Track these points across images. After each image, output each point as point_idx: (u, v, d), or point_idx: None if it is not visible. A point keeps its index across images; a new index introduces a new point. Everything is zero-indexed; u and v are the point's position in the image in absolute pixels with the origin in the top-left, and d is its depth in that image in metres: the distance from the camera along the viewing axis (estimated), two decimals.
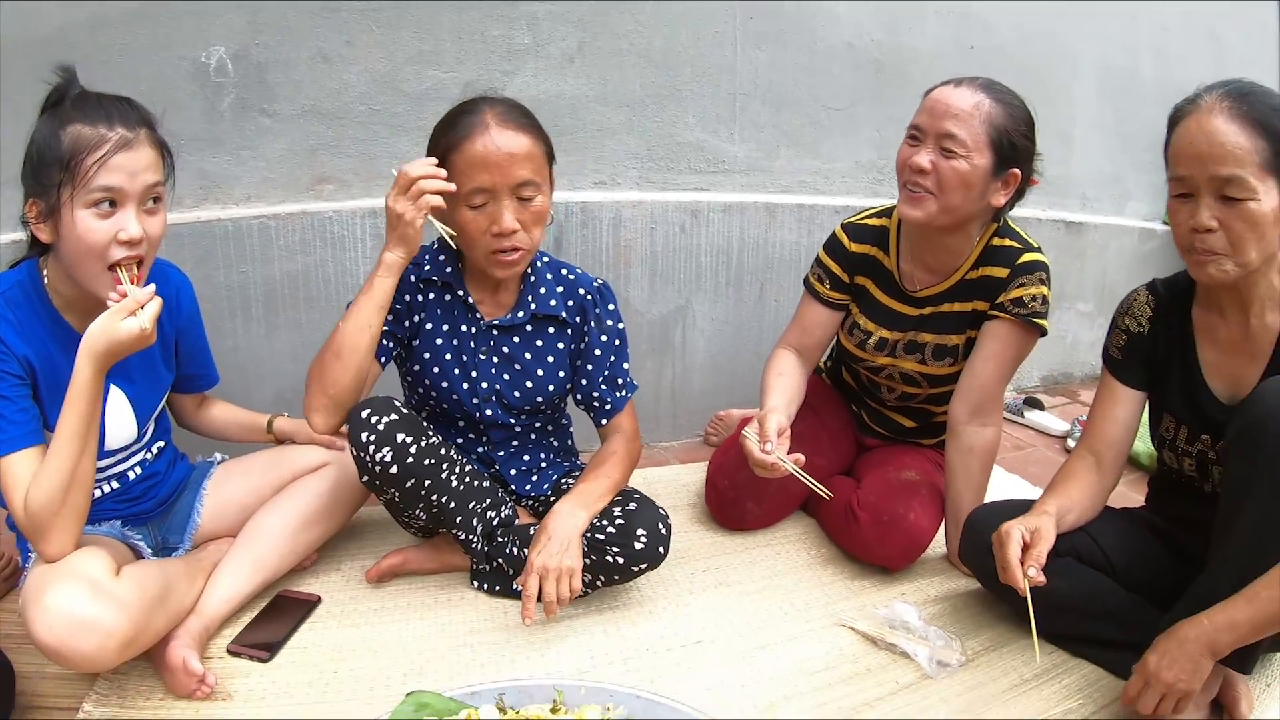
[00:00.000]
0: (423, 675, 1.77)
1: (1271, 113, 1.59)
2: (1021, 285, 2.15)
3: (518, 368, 2.09)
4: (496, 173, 1.82)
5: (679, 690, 1.76)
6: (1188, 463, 1.89)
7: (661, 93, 2.91)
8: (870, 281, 2.39)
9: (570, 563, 1.85)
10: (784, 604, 2.15)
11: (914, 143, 2.11)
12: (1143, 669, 1.66)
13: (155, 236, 1.61)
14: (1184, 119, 1.66)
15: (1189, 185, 1.64)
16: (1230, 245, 1.62)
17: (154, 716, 1.59)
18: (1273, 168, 1.57)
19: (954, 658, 1.92)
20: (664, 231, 2.98)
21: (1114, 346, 1.98)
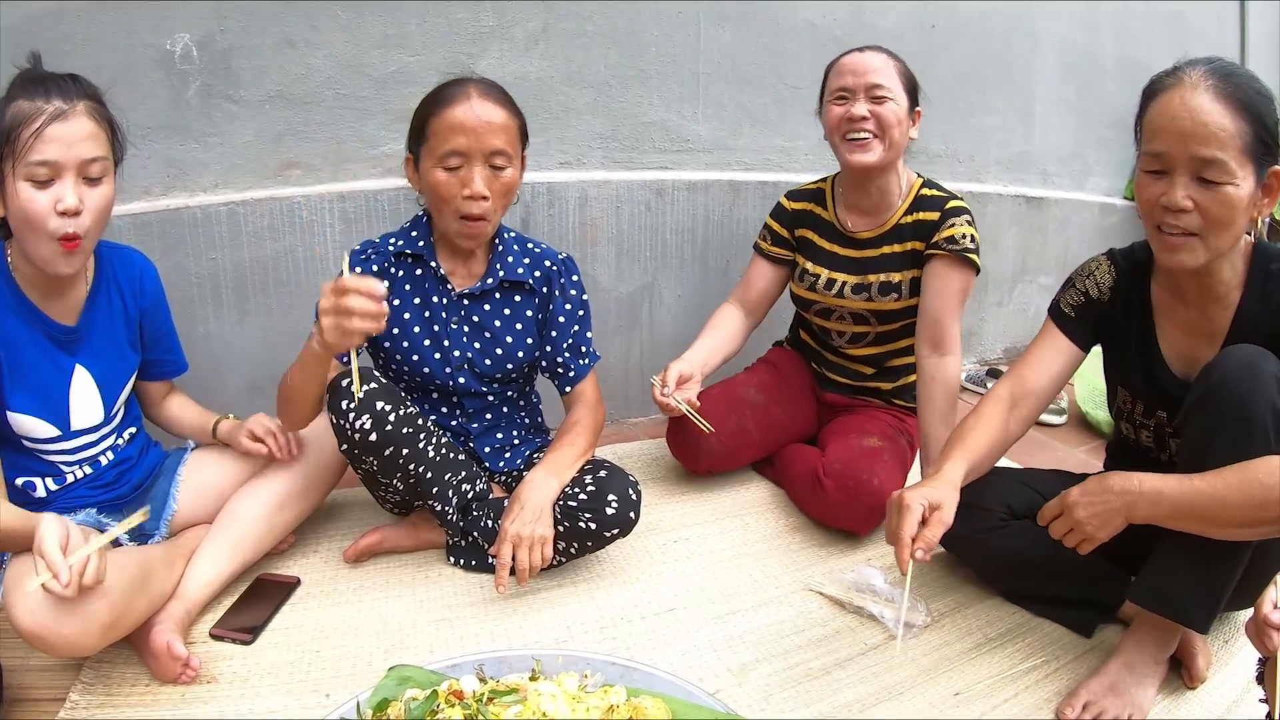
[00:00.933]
0: (404, 650, 1.79)
1: (1255, 95, 1.56)
2: (952, 226, 2.42)
3: (488, 335, 2.15)
4: (473, 137, 1.92)
5: (654, 656, 1.81)
6: (1145, 434, 1.93)
7: (626, 73, 2.93)
8: (812, 232, 2.67)
9: (543, 531, 1.90)
10: (754, 571, 2.19)
11: (843, 101, 2.42)
12: (1065, 497, 1.72)
13: (97, 208, 1.62)
14: (1165, 92, 1.61)
15: (1166, 162, 1.60)
16: (1203, 228, 1.59)
17: (140, 702, 1.60)
18: (1252, 152, 1.54)
19: (919, 619, 1.97)
20: (630, 210, 3.00)
21: (1067, 303, 1.96)
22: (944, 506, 1.62)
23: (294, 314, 2.56)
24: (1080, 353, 1.96)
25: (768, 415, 2.64)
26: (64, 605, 1.45)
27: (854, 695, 1.75)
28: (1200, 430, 1.62)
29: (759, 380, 2.73)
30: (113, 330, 1.83)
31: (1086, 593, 1.99)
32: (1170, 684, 1.80)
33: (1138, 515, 1.62)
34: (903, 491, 1.64)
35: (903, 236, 2.50)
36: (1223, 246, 1.62)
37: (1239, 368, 1.59)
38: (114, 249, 1.87)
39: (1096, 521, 1.65)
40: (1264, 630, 1.22)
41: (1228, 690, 1.80)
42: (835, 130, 2.44)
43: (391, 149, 2.61)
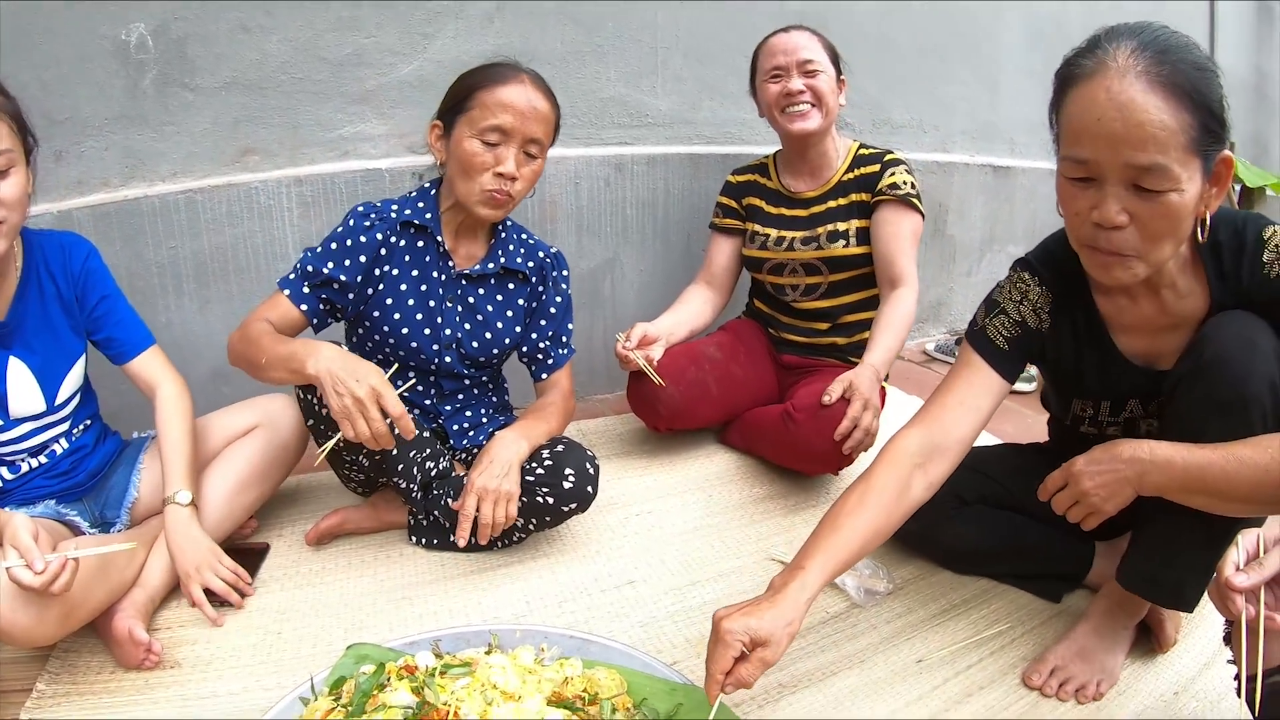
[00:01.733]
0: (363, 630, 1.80)
1: (1197, 75, 1.31)
2: (893, 174, 2.58)
3: (479, 318, 2.17)
4: (519, 119, 1.98)
5: (613, 629, 1.82)
6: (1112, 430, 1.77)
7: (583, 49, 2.93)
8: (758, 199, 2.82)
9: (509, 487, 1.91)
10: (715, 542, 2.21)
11: (778, 79, 2.58)
12: (1069, 467, 1.58)
13: (9, 198, 1.61)
14: (1085, 81, 1.35)
15: (1094, 170, 1.36)
16: (1142, 243, 1.38)
17: (105, 689, 1.61)
18: (1198, 147, 1.31)
19: (881, 585, 1.97)
20: (589, 186, 3.02)
21: (999, 334, 1.71)
22: (770, 644, 1.32)
23: (255, 300, 2.51)
24: (1008, 386, 1.71)
25: (726, 371, 2.69)
26: (20, 595, 1.45)
27: (815, 664, 1.75)
28: (1192, 406, 1.49)
29: (718, 341, 2.80)
30: (47, 318, 1.81)
31: (1050, 568, 1.98)
32: (1139, 649, 1.78)
33: (1148, 485, 1.48)
34: (726, 618, 1.35)
35: (846, 191, 2.66)
36: (1165, 258, 1.42)
37: (1234, 342, 1.45)
38: (42, 235, 1.85)
39: (1104, 493, 1.51)
40: (1226, 594, 1.16)
41: (1197, 654, 1.79)
42: (774, 106, 2.61)
43: (348, 131, 2.61)
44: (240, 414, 2.10)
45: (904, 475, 1.58)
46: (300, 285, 2.03)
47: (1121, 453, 1.50)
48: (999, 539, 1.96)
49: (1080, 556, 1.95)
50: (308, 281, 2.03)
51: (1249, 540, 1.18)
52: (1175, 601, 1.62)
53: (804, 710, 1.62)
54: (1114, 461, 1.50)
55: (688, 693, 1.51)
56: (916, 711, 1.62)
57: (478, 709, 1.26)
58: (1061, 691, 1.66)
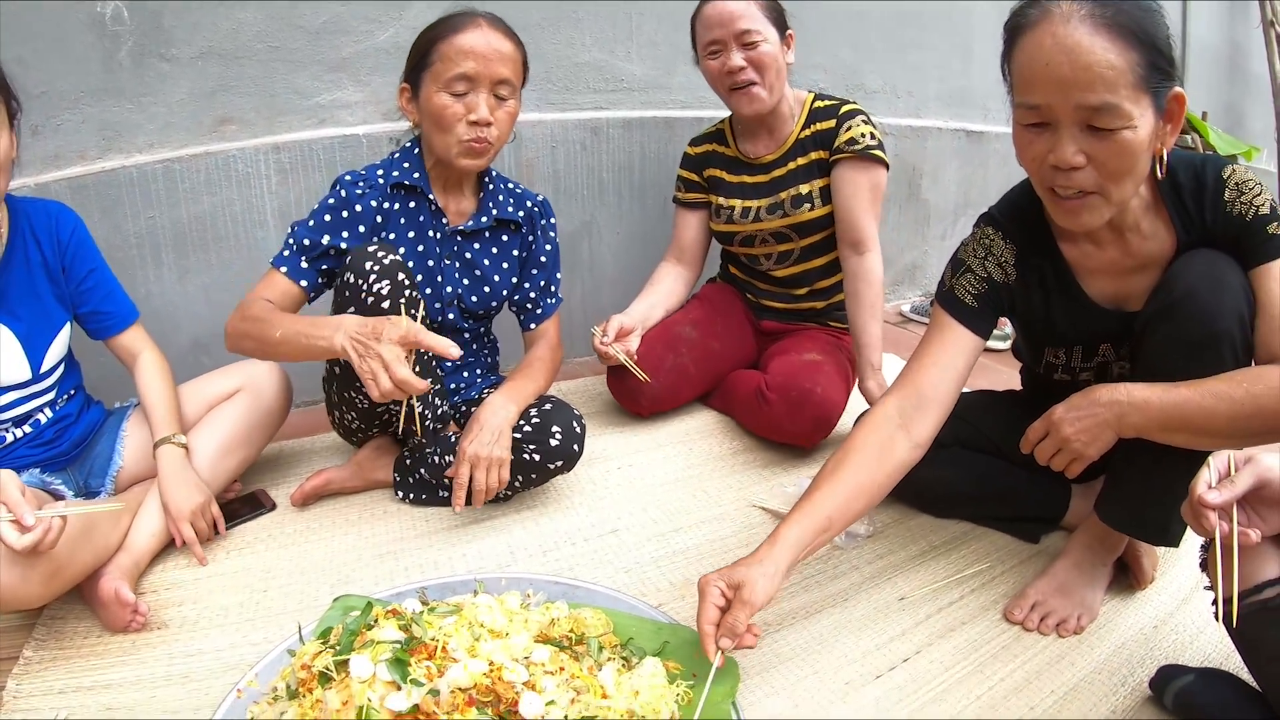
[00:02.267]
0: (349, 585, 1.82)
1: (1142, 15, 1.33)
2: (849, 128, 2.50)
3: (477, 273, 2.20)
4: (482, 63, 1.96)
5: (596, 575, 1.85)
6: (1085, 375, 1.80)
7: (559, 15, 2.93)
8: (718, 170, 2.75)
9: (500, 453, 1.94)
10: (697, 492, 2.24)
11: (716, 54, 2.46)
12: (1049, 416, 1.61)
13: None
14: (1032, 29, 1.37)
15: (1046, 115, 1.39)
16: (1102, 181, 1.41)
17: (92, 652, 1.62)
18: (1148, 84, 1.34)
19: (862, 529, 2.00)
20: (565, 150, 3.03)
21: (965, 291, 1.73)
22: (745, 584, 1.38)
23: (234, 268, 2.56)
24: (982, 342, 1.73)
25: (705, 349, 2.68)
26: (4, 555, 1.46)
27: (799, 603, 1.78)
28: (1164, 345, 1.53)
29: (694, 317, 2.75)
30: (33, 285, 1.81)
31: (1028, 510, 2.01)
32: (1118, 586, 1.83)
33: (1127, 427, 1.51)
34: (706, 575, 1.44)
35: (805, 149, 2.59)
36: (1126, 196, 1.45)
37: (1202, 280, 1.48)
38: (29, 203, 1.84)
39: (1086, 437, 1.55)
40: (1199, 511, 1.17)
41: (1175, 591, 1.83)
42: (717, 82, 2.51)
43: (325, 99, 2.61)
44: (223, 379, 2.11)
45: (884, 436, 1.60)
46: (297, 260, 2.01)
47: (1100, 397, 1.53)
48: (976, 481, 1.99)
49: (1057, 498, 1.98)
50: (305, 256, 2.01)
51: (1220, 460, 1.19)
52: (1162, 538, 1.65)
53: (789, 646, 1.66)
54: (1093, 406, 1.54)
55: (673, 631, 1.54)
56: (899, 646, 1.66)
57: (465, 644, 1.27)
58: (1043, 625, 1.70)
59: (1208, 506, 1.15)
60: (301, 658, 1.30)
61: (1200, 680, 1.42)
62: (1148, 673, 1.53)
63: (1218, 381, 1.43)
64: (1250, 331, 1.47)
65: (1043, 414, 1.64)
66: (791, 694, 1.53)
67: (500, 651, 1.27)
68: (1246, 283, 1.48)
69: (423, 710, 1.15)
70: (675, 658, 1.44)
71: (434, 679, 1.18)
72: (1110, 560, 1.78)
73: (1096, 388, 1.56)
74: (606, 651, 1.42)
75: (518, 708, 1.17)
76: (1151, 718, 1.49)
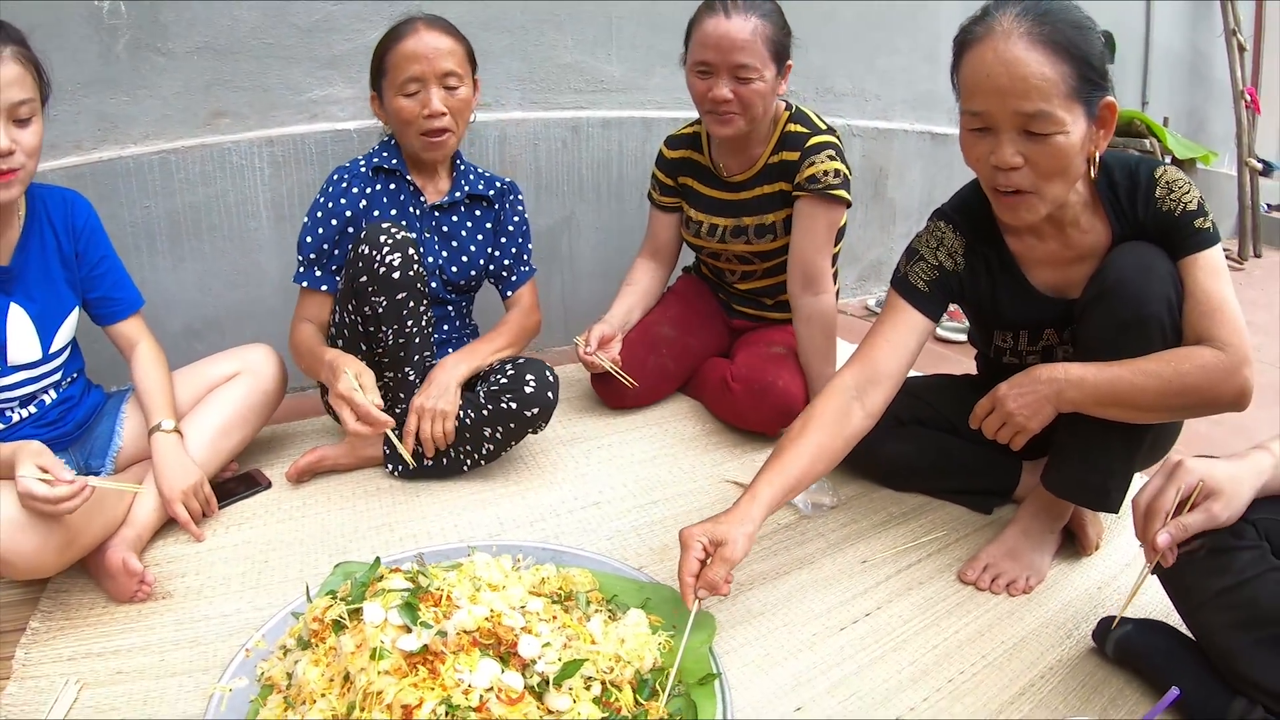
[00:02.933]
0: (347, 554, 1.88)
1: (1075, 32, 1.48)
2: (812, 164, 2.40)
3: (455, 244, 2.37)
4: (424, 63, 2.13)
5: (581, 541, 1.96)
6: (1032, 359, 1.92)
7: (542, 18, 3.02)
8: (692, 179, 2.72)
9: (444, 406, 2.10)
10: (673, 468, 2.36)
11: (705, 75, 2.35)
12: (994, 393, 1.73)
13: (30, 147, 1.67)
14: (976, 44, 1.53)
15: (988, 120, 1.54)
16: (1038, 181, 1.56)
17: (99, 622, 1.67)
18: (1079, 94, 1.49)
19: (828, 499, 2.13)
20: (547, 148, 3.12)
21: (918, 277, 1.87)
22: (727, 543, 1.51)
23: (227, 257, 2.63)
24: (932, 325, 1.88)
25: (683, 346, 2.76)
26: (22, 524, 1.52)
27: (769, 566, 1.91)
28: (1098, 327, 1.66)
29: (672, 315, 2.82)
30: (47, 268, 1.85)
31: (979, 483, 2.14)
32: (1066, 553, 1.96)
33: (1065, 402, 1.64)
34: (688, 527, 1.57)
35: (772, 177, 2.53)
36: (1060, 194, 1.60)
37: (1133, 268, 1.62)
38: (46, 189, 1.89)
39: (1027, 411, 1.67)
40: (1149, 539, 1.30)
41: (1120, 557, 1.97)
42: (697, 100, 2.42)
43: (318, 94, 2.68)
44: (223, 362, 2.18)
45: (842, 404, 1.75)
46: (313, 271, 2.23)
47: (1040, 375, 1.67)
48: (933, 456, 2.13)
49: (1009, 471, 2.12)
50: (318, 265, 2.22)
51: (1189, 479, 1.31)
52: (1102, 502, 1.78)
53: (760, 603, 1.78)
54: (1034, 383, 1.67)
55: (654, 589, 1.66)
56: (861, 603, 1.78)
57: (467, 594, 1.37)
58: (994, 585, 1.83)
59: (1155, 548, 1.28)
60: (313, 611, 1.38)
61: (1137, 629, 1.54)
62: (1091, 626, 1.66)
63: (1149, 361, 1.57)
64: (1179, 316, 1.61)
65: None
66: (763, 644, 1.65)
67: (499, 601, 1.36)
68: (1175, 271, 1.62)
69: (431, 650, 1.24)
70: (656, 613, 1.56)
71: (440, 623, 1.28)
72: (1057, 528, 1.91)
73: (1038, 367, 1.68)
74: (594, 605, 1.53)
75: (516, 649, 1.27)
76: (1094, 665, 1.61)
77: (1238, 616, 1.33)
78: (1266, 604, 1.30)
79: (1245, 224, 6.32)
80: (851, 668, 1.59)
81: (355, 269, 2.06)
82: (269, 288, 2.70)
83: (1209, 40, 6.40)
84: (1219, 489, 1.28)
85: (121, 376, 2.11)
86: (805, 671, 1.58)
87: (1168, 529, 1.28)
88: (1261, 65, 7.64)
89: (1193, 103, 6.48)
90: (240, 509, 2.09)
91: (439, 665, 1.23)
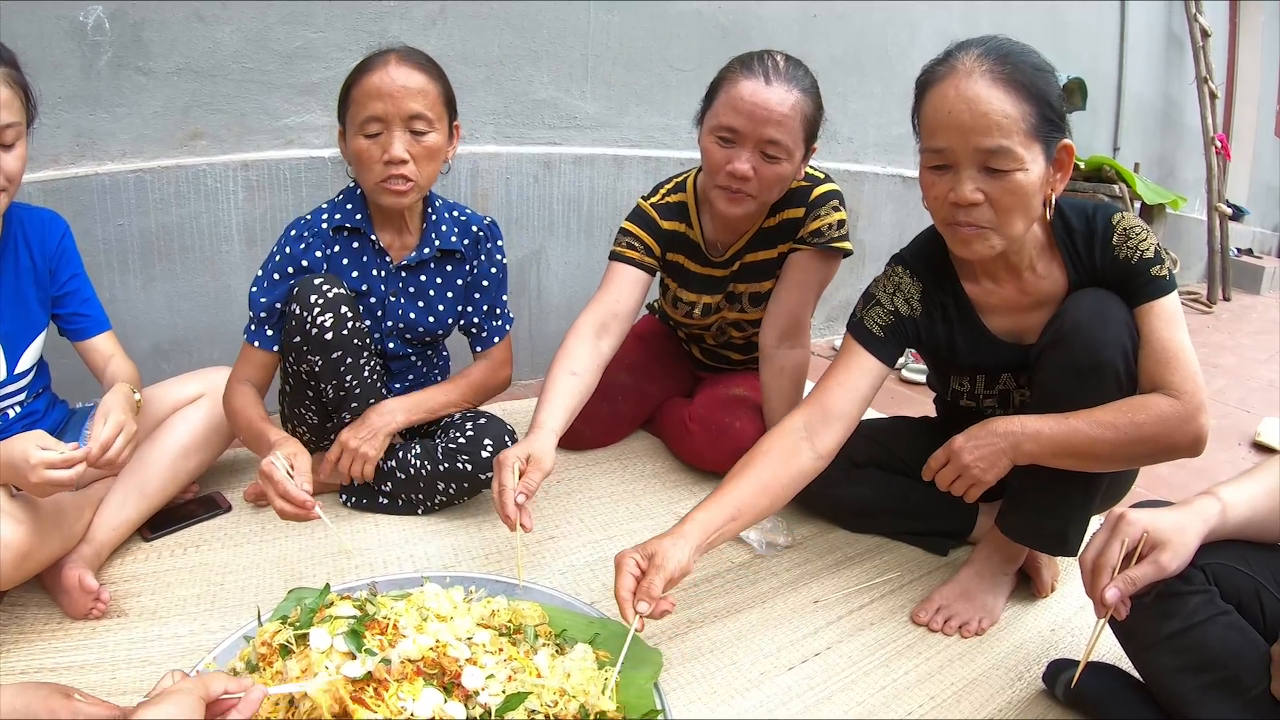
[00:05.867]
0: (301, 581, 1.88)
1: (1035, 74, 1.52)
2: (818, 218, 2.26)
3: (421, 304, 2.23)
4: (389, 102, 1.95)
5: (534, 575, 1.96)
6: (989, 402, 1.96)
7: (518, 54, 3.06)
8: (682, 256, 2.46)
9: (367, 450, 2.07)
10: (630, 506, 2.37)
11: (728, 145, 2.08)
12: (950, 445, 1.73)
13: (12, 172, 1.65)
14: (938, 83, 1.57)
15: (949, 157, 1.57)
16: (996, 217, 1.57)
17: (53, 637, 1.67)
18: (1039, 133, 1.52)
19: (782, 539, 2.15)
20: (519, 181, 3.14)
21: (874, 322, 1.88)
22: (658, 554, 1.53)
23: (198, 279, 2.64)
24: (885, 368, 1.88)
25: (640, 393, 2.76)
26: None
27: (722, 603, 1.93)
28: (1055, 373, 1.68)
29: (630, 362, 2.69)
30: (19, 288, 1.84)
31: (935, 525, 2.17)
32: (1020, 595, 1.99)
33: (1022, 455, 1.65)
34: (622, 551, 1.58)
35: (770, 241, 2.36)
36: (1020, 233, 1.62)
37: (1089, 315, 1.64)
38: (24, 209, 1.87)
39: (984, 464, 1.68)
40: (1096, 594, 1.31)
41: (1074, 600, 2.00)
42: (712, 171, 2.14)
43: (294, 121, 2.70)
44: (187, 384, 2.18)
45: (790, 444, 1.76)
46: (264, 330, 2.08)
47: (996, 428, 1.68)
48: (889, 498, 2.15)
49: (965, 514, 2.14)
50: (268, 324, 2.08)
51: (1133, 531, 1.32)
52: (1059, 547, 1.81)
53: (709, 640, 1.79)
54: (990, 436, 1.68)
55: (604, 625, 1.66)
56: (811, 643, 1.80)
57: (414, 623, 1.38)
58: (946, 627, 1.85)
59: (1104, 604, 1.29)
60: (262, 636, 1.38)
61: (1088, 672, 1.53)
62: (1043, 669, 1.69)
63: (1105, 411, 1.60)
64: (1134, 363, 1.64)
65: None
66: (710, 681, 1.66)
67: (446, 631, 1.37)
68: (1131, 319, 1.65)
69: (375, 678, 1.25)
70: (606, 648, 1.55)
71: (386, 651, 1.29)
72: (1011, 570, 1.94)
73: (994, 420, 1.70)
74: (542, 639, 1.54)
75: (460, 680, 1.28)
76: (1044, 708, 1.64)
77: (1186, 660, 1.35)
78: (1214, 648, 1.32)
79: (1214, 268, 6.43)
80: (798, 707, 1.61)
81: (290, 326, 2.02)
82: (238, 311, 2.68)
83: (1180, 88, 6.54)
84: (1165, 539, 1.29)
85: (87, 393, 2.10)
86: (751, 710, 1.59)
87: (1115, 583, 1.29)
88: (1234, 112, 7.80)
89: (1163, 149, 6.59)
90: (199, 531, 2.09)
91: (383, 692, 1.23)
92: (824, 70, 3.85)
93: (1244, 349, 5.05)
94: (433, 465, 2.15)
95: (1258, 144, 8.34)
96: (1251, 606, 1.37)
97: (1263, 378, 4.47)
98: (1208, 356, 4.50)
